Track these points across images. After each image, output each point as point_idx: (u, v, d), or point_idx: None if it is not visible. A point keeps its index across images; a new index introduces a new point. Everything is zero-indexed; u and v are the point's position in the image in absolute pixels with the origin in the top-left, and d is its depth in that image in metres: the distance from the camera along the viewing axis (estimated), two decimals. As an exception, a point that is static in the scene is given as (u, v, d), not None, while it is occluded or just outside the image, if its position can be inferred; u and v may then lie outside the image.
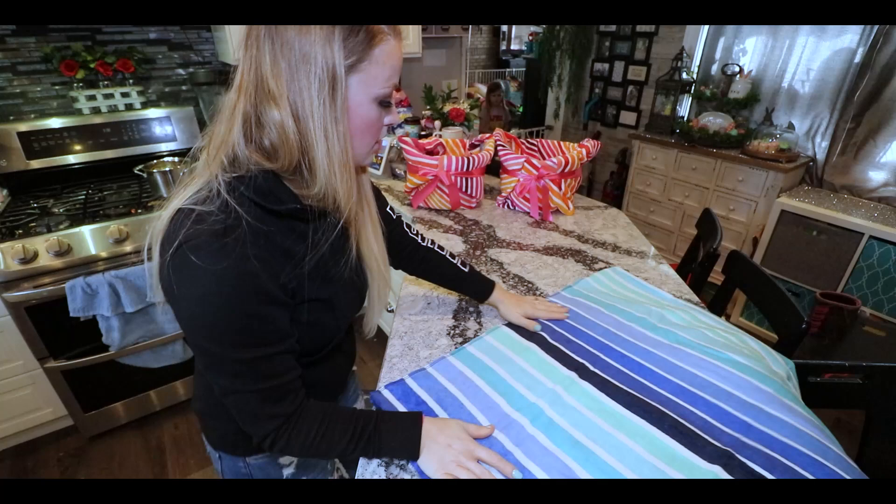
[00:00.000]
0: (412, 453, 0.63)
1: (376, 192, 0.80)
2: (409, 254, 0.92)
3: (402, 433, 0.63)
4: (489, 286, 0.95)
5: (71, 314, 1.48)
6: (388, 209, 0.88)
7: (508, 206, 1.58)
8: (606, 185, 3.60)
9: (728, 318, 2.54)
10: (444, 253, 0.95)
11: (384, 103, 0.57)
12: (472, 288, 0.97)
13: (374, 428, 0.62)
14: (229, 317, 0.52)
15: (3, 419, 1.66)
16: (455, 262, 0.95)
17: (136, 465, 1.71)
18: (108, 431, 1.83)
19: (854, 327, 1.92)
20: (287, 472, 0.80)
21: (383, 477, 0.63)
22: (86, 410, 1.73)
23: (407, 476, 0.63)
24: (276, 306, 0.56)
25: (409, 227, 0.93)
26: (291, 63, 0.51)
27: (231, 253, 0.51)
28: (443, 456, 0.62)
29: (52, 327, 1.55)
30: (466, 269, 0.95)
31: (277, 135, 0.53)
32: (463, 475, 0.60)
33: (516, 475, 0.62)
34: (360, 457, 0.64)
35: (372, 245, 0.70)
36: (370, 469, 0.65)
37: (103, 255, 1.55)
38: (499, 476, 0.62)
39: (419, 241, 0.93)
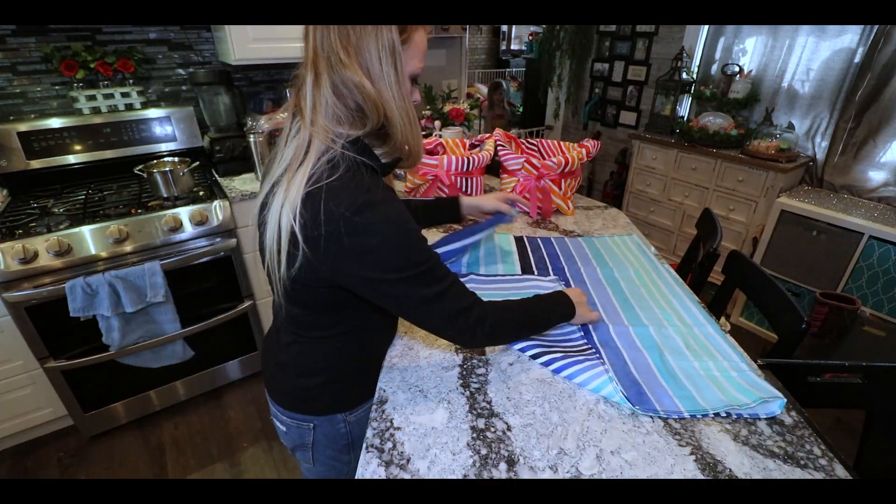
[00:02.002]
0: (572, 311, 0.87)
1: None
2: None
3: (562, 298, 0.87)
4: (454, 200, 1.08)
5: (71, 314, 1.48)
6: None
7: (508, 206, 1.58)
8: (606, 185, 3.60)
9: (728, 318, 2.54)
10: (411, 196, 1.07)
11: (414, 80, 0.70)
12: (445, 211, 1.08)
13: (544, 298, 0.85)
14: (412, 239, 0.65)
15: (3, 419, 1.66)
16: (418, 201, 1.06)
17: (136, 465, 1.71)
18: (108, 431, 1.83)
19: (854, 327, 1.92)
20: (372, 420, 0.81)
21: (383, 477, 0.63)
22: (86, 410, 1.73)
23: (407, 476, 0.63)
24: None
25: None
26: (361, 38, 0.60)
27: (382, 197, 0.63)
28: (584, 311, 0.90)
29: (52, 327, 1.55)
30: (432, 200, 1.07)
31: (361, 95, 0.62)
32: (596, 316, 0.93)
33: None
34: (543, 323, 0.86)
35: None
36: (370, 469, 0.65)
37: (103, 255, 1.55)
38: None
39: None
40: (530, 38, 4.32)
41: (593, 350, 0.86)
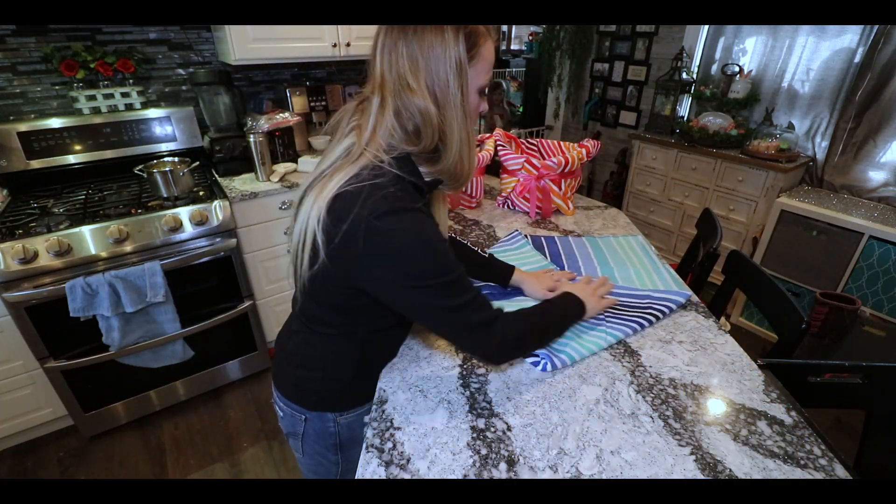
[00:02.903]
0: (583, 309, 0.89)
1: None
2: None
3: (571, 300, 0.89)
4: (509, 269, 1.03)
5: (71, 314, 1.48)
6: None
7: (508, 206, 1.58)
8: (606, 185, 3.60)
9: (728, 318, 2.54)
10: (465, 241, 1.04)
11: (482, 93, 0.71)
12: (495, 272, 1.03)
13: (554, 303, 0.86)
14: (433, 248, 0.64)
15: (3, 419, 1.66)
16: (476, 249, 1.03)
17: (136, 465, 1.71)
18: (108, 431, 1.83)
19: (854, 327, 1.92)
20: (367, 429, 0.80)
21: (383, 477, 0.63)
22: (86, 410, 1.73)
23: (407, 476, 0.63)
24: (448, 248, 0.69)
25: None
26: (430, 60, 0.62)
27: (414, 209, 0.64)
28: (595, 303, 0.92)
29: (52, 327, 1.55)
30: (487, 255, 1.03)
31: (422, 119, 0.64)
32: (609, 302, 0.97)
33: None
34: (559, 329, 0.87)
35: (443, 219, 0.82)
36: (370, 469, 0.65)
37: (103, 255, 1.55)
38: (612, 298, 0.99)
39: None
40: (530, 38, 4.32)
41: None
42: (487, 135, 1.65)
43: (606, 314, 0.96)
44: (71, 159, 1.86)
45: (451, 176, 0.71)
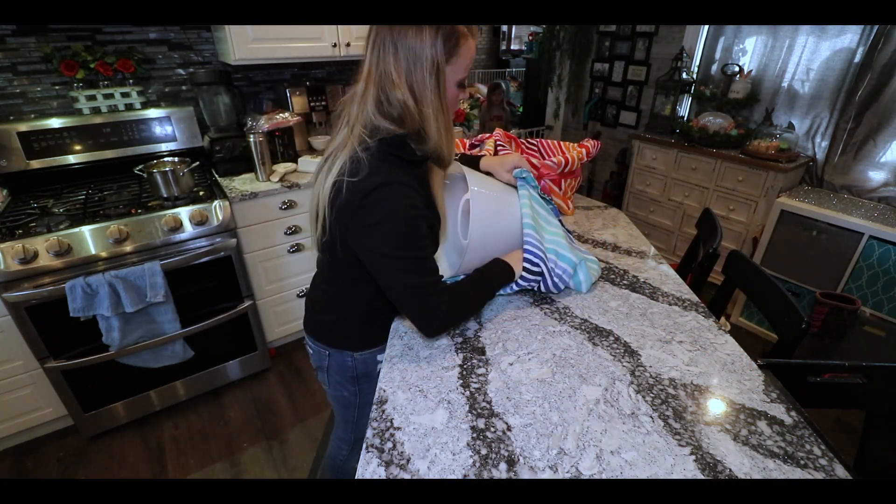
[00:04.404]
0: (513, 274, 0.99)
1: None
2: None
3: (496, 265, 0.97)
4: (476, 160, 1.17)
5: (71, 314, 1.48)
6: None
7: (508, 206, 1.58)
8: (606, 184, 3.60)
9: (728, 318, 2.54)
10: None
11: (461, 85, 0.82)
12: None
13: (487, 276, 0.95)
14: (410, 223, 0.77)
15: (3, 419, 1.66)
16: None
17: (136, 465, 1.71)
18: (108, 431, 1.83)
19: (854, 327, 1.92)
20: (380, 367, 0.91)
21: (383, 477, 0.63)
22: (86, 410, 1.73)
23: (407, 476, 0.63)
24: (424, 219, 0.81)
25: None
26: (409, 59, 0.73)
27: (399, 182, 0.76)
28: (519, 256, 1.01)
29: (52, 327, 1.55)
30: (457, 157, 1.13)
31: (402, 109, 0.76)
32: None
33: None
34: (489, 294, 0.97)
35: (438, 193, 0.92)
36: (370, 469, 0.65)
37: (103, 255, 1.55)
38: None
39: None
40: (530, 38, 4.32)
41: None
42: (487, 135, 1.65)
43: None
44: (71, 159, 1.86)
45: (436, 157, 0.84)
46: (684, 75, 2.85)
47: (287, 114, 2.13)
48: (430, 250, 0.83)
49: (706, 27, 2.79)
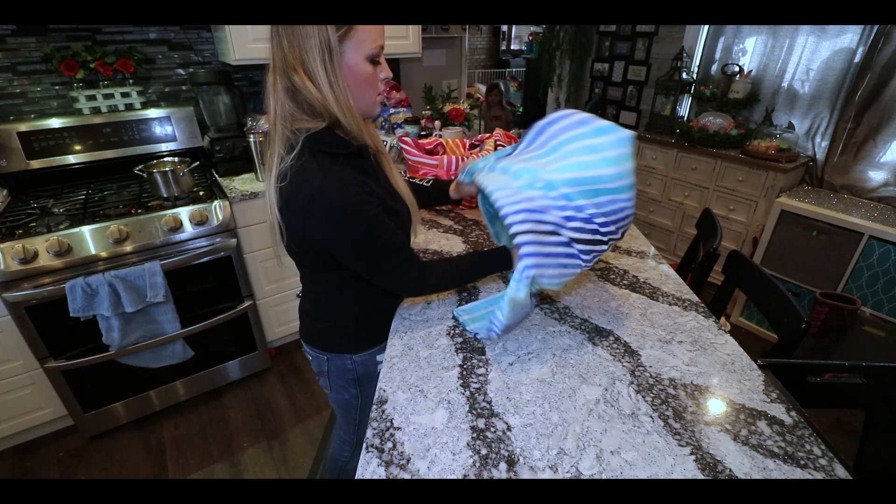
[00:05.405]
0: (510, 261, 0.93)
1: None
2: None
3: (499, 251, 0.94)
4: (445, 184, 1.15)
5: (71, 314, 1.48)
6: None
7: (508, 206, 1.58)
8: (606, 185, 3.60)
9: (728, 318, 2.54)
10: (413, 179, 1.20)
11: (374, 61, 0.75)
12: (440, 194, 1.14)
13: (482, 255, 0.94)
14: (361, 216, 0.75)
15: (3, 419, 1.66)
16: (420, 181, 1.16)
17: (136, 465, 1.71)
18: (108, 431, 1.83)
19: (854, 327, 1.92)
20: (380, 367, 0.91)
21: (383, 477, 0.63)
22: (86, 410, 1.73)
23: (407, 476, 0.63)
24: (373, 201, 0.78)
25: None
26: (300, 41, 0.69)
27: (336, 180, 0.73)
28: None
29: (52, 327, 1.55)
30: (429, 183, 1.16)
31: (309, 95, 0.72)
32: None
33: None
34: (477, 275, 0.97)
35: (399, 182, 0.90)
36: (370, 469, 0.65)
37: (103, 255, 1.55)
38: None
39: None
40: (530, 38, 4.32)
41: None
42: (487, 135, 1.65)
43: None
44: (71, 159, 1.86)
45: (359, 141, 0.80)
46: (684, 75, 2.85)
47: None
48: (391, 227, 0.80)
49: (706, 27, 2.79)
